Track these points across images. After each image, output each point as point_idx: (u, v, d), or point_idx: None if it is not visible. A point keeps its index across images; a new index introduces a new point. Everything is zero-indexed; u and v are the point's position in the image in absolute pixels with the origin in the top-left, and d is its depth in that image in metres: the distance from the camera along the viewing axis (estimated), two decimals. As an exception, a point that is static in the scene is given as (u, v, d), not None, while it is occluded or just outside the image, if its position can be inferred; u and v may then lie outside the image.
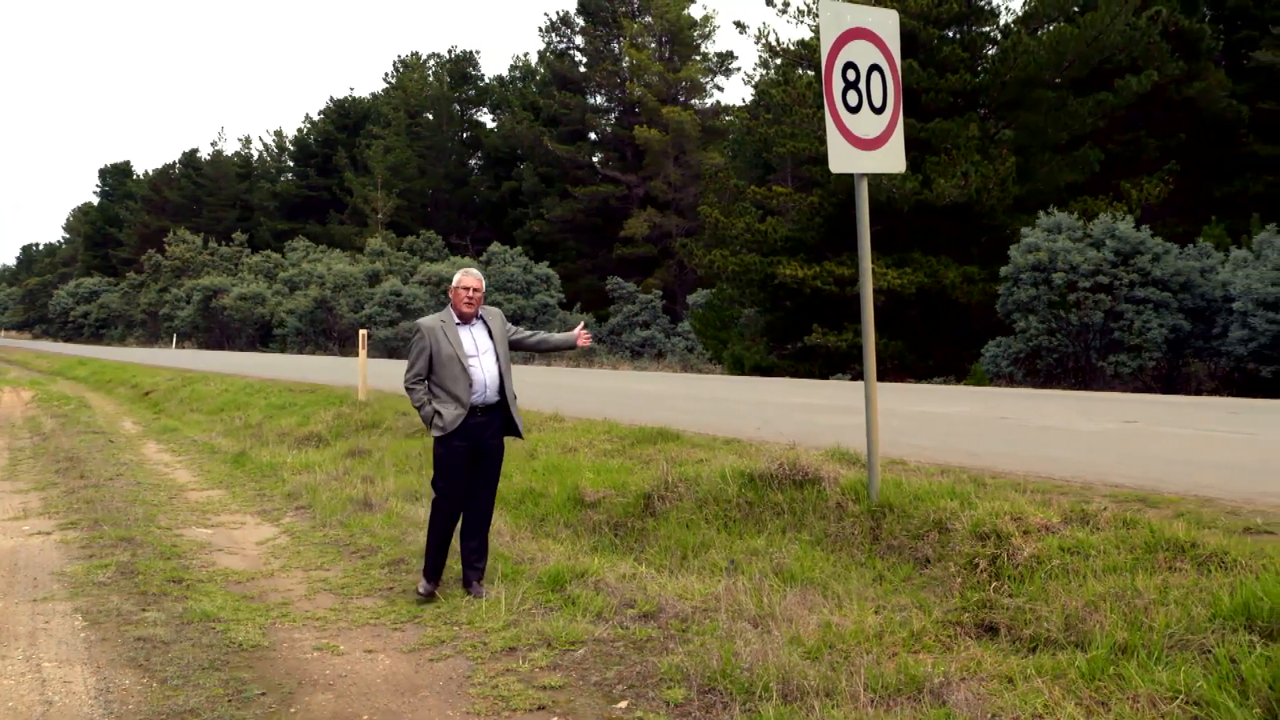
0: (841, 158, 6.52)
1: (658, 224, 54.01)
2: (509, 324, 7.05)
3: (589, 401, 15.89)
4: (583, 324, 7.49)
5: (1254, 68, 34.97)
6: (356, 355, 18.94)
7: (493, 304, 47.05)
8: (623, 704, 4.72)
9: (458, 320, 6.73)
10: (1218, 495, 6.83)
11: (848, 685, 4.44)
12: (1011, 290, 22.47)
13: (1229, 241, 23.89)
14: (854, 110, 6.56)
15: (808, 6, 31.95)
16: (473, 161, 77.76)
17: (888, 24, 6.78)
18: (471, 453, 6.68)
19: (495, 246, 55.32)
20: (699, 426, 11.19)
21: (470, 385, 6.59)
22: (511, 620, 6.04)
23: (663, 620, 5.78)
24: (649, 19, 60.10)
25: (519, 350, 7.16)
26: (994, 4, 32.43)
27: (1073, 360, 21.93)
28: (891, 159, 6.78)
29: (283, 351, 55.16)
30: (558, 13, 70.43)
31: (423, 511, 9.09)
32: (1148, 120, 32.95)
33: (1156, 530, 5.46)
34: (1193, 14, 34.62)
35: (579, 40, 64.39)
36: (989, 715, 4.14)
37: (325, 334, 54.68)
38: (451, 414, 6.57)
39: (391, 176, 70.59)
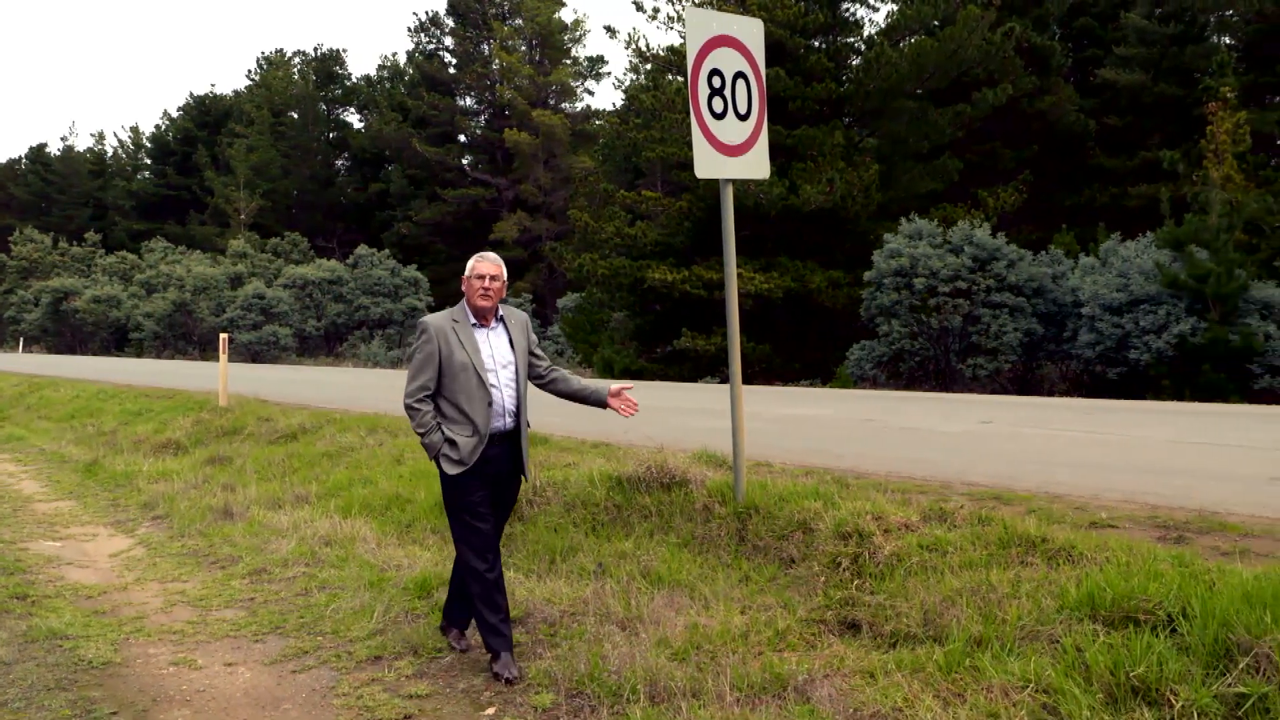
0: (707, 163, 6.57)
1: (528, 227, 53.83)
2: (533, 336, 5.63)
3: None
4: (624, 387, 5.59)
5: (1099, 84, 36.68)
6: (218, 360, 18.38)
7: (358, 309, 45.31)
8: (490, 710, 4.67)
9: (473, 320, 5.34)
10: (1067, 492, 7.10)
11: (714, 685, 4.47)
12: (875, 295, 23.02)
13: (1078, 249, 24.90)
14: (719, 117, 6.62)
15: (677, 13, 32.23)
16: (339, 162, 76.29)
17: (752, 32, 6.86)
18: (489, 484, 5.33)
19: (362, 249, 54.40)
20: (567, 430, 11.17)
21: (489, 405, 5.20)
22: (377, 629, 5.92)
23: (530, 625, 5.74)
24: (519, 22, 59.89)
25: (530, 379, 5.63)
26: (858, 15, 33.27)
27: (933, 363, 22.58)
28: (756, 165, 6.85)
29: (139, 356, 53.24)
30: (427, 13, 69.73)
31: (286, 518, 8.87)
32: (1003, 132, 34.21)
33: (1010, 527, 5.64)
34: (1044, 31, 36.07)
35: (448, 41, 63.81)
36: (851, 710, 4.21)
37: (185, 338, 52.99)
38: (467, 443, 5.15)
39: (255, 176, 68.79)
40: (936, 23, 30.81)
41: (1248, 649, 3.87)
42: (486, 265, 5.31)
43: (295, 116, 74.68)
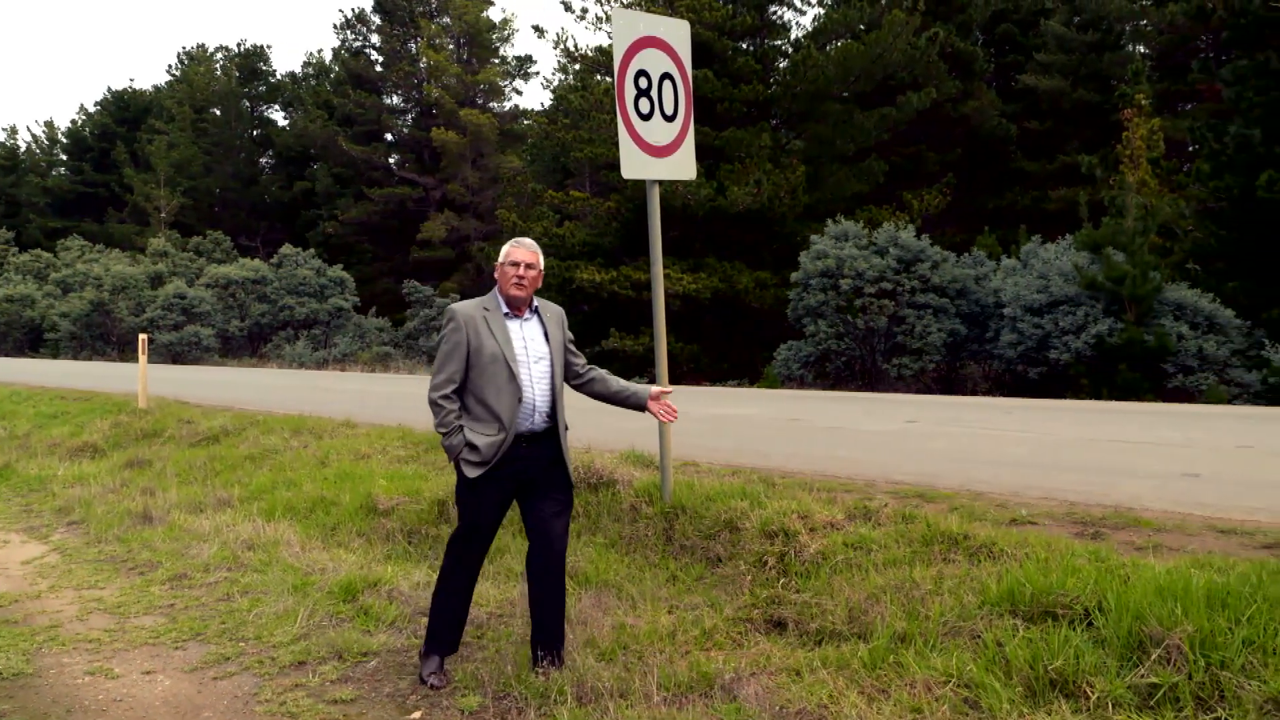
0: (633, 164, 6.58)
1: (455, 227, 53.44)
2: (569, 333, 5.19)
3: (382, 407, 15.57)
4: (664, 391, 5.29)
5: (1020, 90, 37.43)
6: (137, 361, 18.00)
7: (282, 309, 44.75)
8: (416, 714, 4.63)
9: (505, 309, 4.94)
10: (989, 490, 7.22)
11: (641, 685, 4.48)
12: (802, 295, 23.21)
13: (1000, 251, 25.34)
14: (646, 118, 6.63)
15: (606, 14, 32.26)
16: (263, 160, 75.06)
17: (679, 34, 6.87)
18: (515, 490, 4.96)
19: (287, 248, 53.54)
20: (496, 431, 11.09)
21: (519, 401, 4.81)
22: (301, 633, 5.82)
23: (457, 628, 5.69)
24: (447, 20, 59.43)
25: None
26: (785, 19, 33.58)
27: (859, 363, 22.83)
28: (682, 166, 6.87)
29: (55, 357, 51.87)
30: (353, 10, 68.63)
31: (207, 522, 8.71)
32: (928, 135, 34.77)
33: (932, 524, 5.73)
34: (967, 37, 36.75)
35: (375, 39, 63.07)
36: (777, 708, 4.24)
37: (103, 339, 51.73)
38: (488, 443, 4.75)
39: (176, 174, 67.41)
40: (862, 27, 31.24)
41: (1159, 640, 3.98)
42: (522, 252, 4.92)
43: (218, 113, 73.37)
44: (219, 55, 78.01)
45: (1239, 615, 4.03)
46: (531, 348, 4.90)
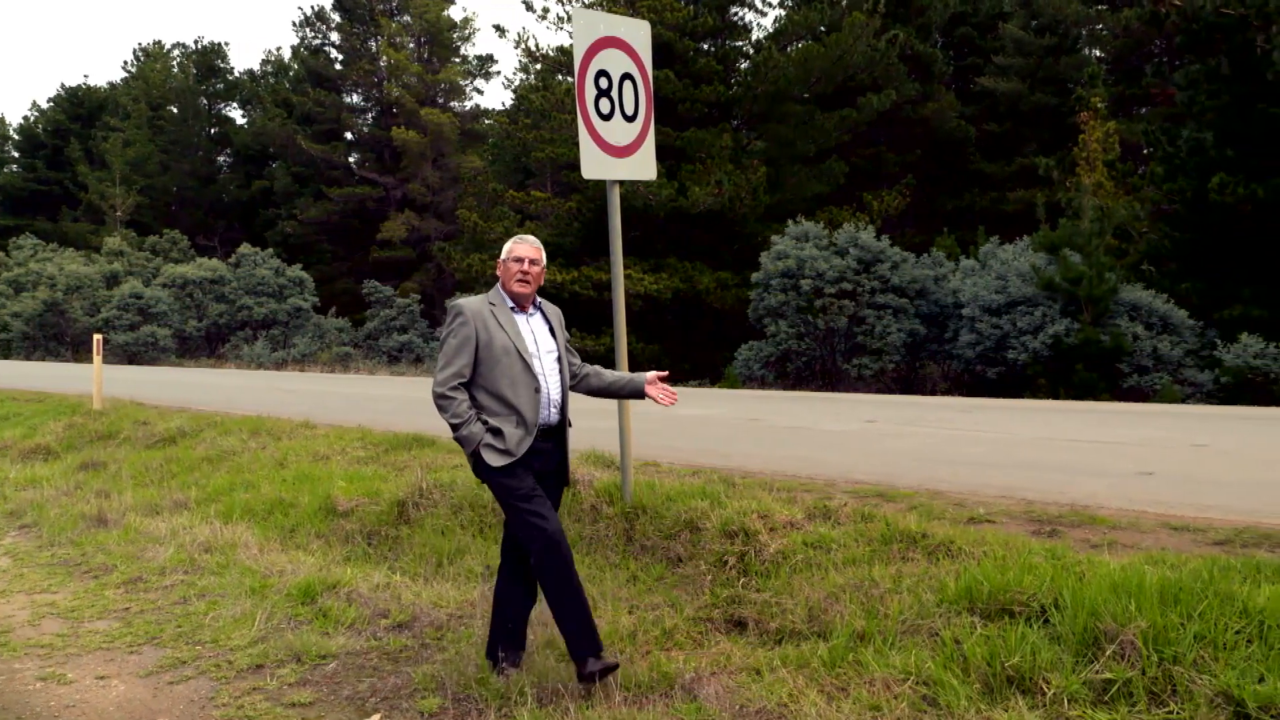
0: (594, 164, 6.57)
1: (416, 227, 53.13)
2: (565, 332, 5.12)
3: (341, 408, 15.48)
4: (660, 375, 5.08)
5: (979, 92, 37.76)
6: (92, 362, 17.78)
7: (241, 309, 44.42)
8: (376, 717, 4.60)
9: (510, 305, 4.85)
10: (947, 489, 7.28)
11: (601, 685, 4.48)
12: (762, 296, 23.29)
13: (959, 252, 25.55)
14: (606, 118, 6.62)
15: (567, 14, 32.22)
16: (221, 159, 74.22)
17: (639, 34, 6.88)
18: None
19: (245, 248, 53.00)
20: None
21: (537, 392, 4.68)
22: (259, 636, 5.77)
23: (417, 629, 5.67)
24: (407, 19, 59.05)
25: None
26: (747, 20, 33.73)
27: (820, 363, 22.95)
28: (643, 166, 6.88)
29: (7, 357, 51.13)
30: (312, 7, 68.02)
31: (164, 525, 8.61)
32: (887, 137, 35.02)
33: (891, 523, 5.77)
34: (926, 40, 37.03)
35: (334, 37, 62.54)
36: (738, 707, 4.25)
37: (57, 339, 51.02)
38: (514, 434, 4.60)
39: (132, 172, 66.51)
40: (823, 28, 31.40)
41: (1114, 636, 4.03)
42: (526, 248, 4.83)
43: (174, 111, 72.49)
44: (176, 52, 77.06)
45: (1191, 611, 4.09)
46: (539, 341, 4.81)
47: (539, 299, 4.94)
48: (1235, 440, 10.33)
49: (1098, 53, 39.85)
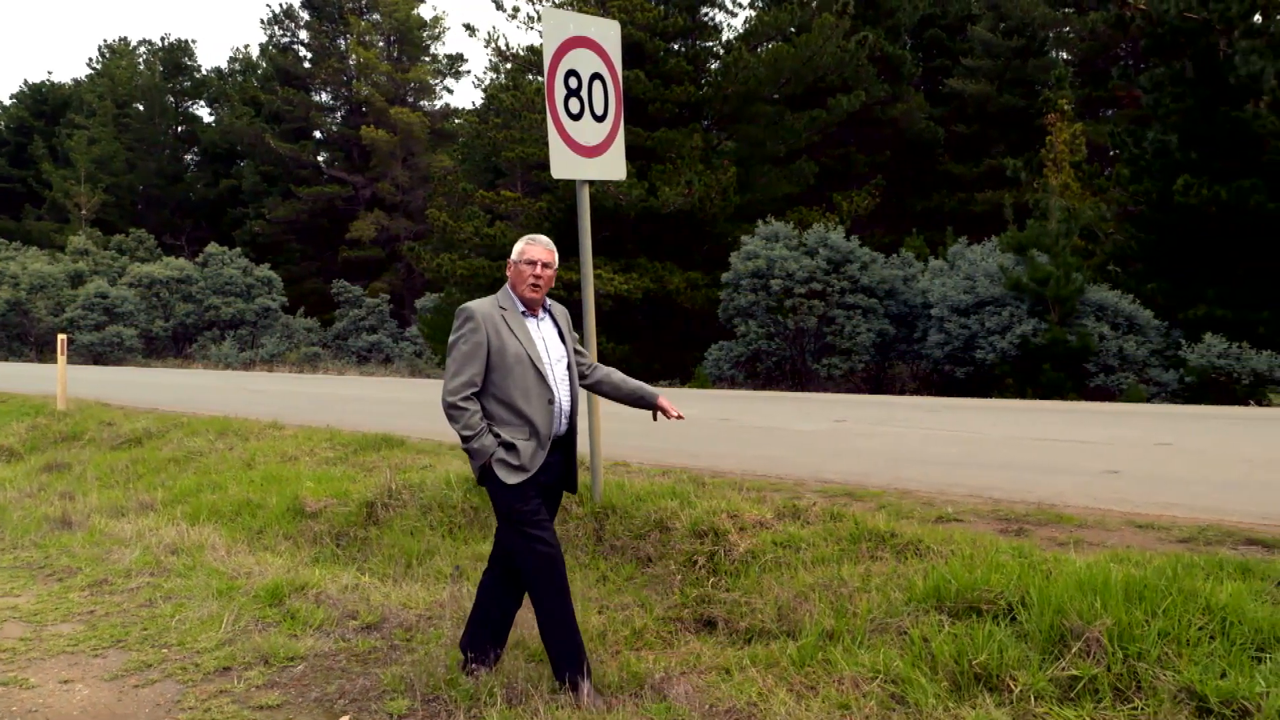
0: (563, 164, 6.57)
1: (385, 226, 52.93)
2: (574, 332, 4.96)
3: (309, 408, 15.39)
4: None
5: (948, 93, 38.02)
6: (56, 362, 17.59)
7: (208, 309, 43.99)
8: (345, 719, 4.57)
9: (522, 309, 4.65)
10: (916, 488, 7.33)
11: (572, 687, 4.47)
12: (733, 296, 23.33)
13: (927, 252, 25.70)
14: (576, 118, 6.62)
15: (537, 13, 32.14)
16: (188, 157, 73.61)
17: (609, 34, 6.88)
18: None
19: (213, 247, 52.62)
20: (424, 432, 11.03)
21: (550, 403, 4.51)
22: (226, 638, 5.72)
23: (386, 630, 5.65)
24: (377, 17, 58.82)
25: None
26: (717, 20, 33.76)
27: (790, 363, 23.01)
28: (613, 166, 6.88)
29: (-31, 358, 50.57)
30: (281, 5, 67.51)
31: (129, 527, 8.53)
32: (857, 137, 35.18)
33: (860, 522, 5.80)
34: (896, 41, 37.21)
35: (303, 35, 62.19)
36: (707, 707, 4.26)
37: (20, 339, 50.44)
38: (527, 446, 4.45)
39: (97, 170, 65.84)
40: (793, 29, 31.47)
41: (1080, 634, 4.07)
42: (538, 250, 4.64)
43: (140, 108, 71.81)
44: (142, 49, 76.33)
45: (1155, 608, 4.13)
46: (550, 348, 4.63)
47: (547, 300, 4.77)
48: (1199, 439, 10.45)
49: (1065, 55, 40.20)
